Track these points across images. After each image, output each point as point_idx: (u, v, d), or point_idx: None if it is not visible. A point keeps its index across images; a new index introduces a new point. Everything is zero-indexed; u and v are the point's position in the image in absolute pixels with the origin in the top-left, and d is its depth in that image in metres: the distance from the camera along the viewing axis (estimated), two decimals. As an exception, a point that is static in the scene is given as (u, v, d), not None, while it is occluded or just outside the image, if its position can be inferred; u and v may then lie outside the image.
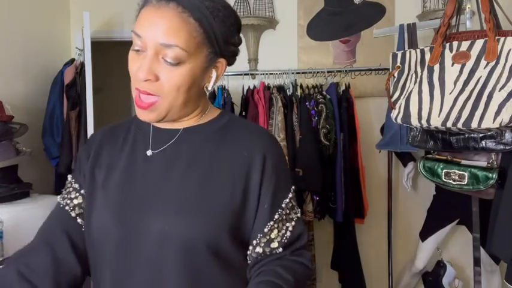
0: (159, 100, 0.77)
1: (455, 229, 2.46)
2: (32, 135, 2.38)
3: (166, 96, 0.77)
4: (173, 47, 0.73)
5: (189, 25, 0.74)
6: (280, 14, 2.78)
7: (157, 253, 0.77)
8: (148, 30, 0.74)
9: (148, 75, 0.74)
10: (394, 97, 1.49)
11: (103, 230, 0.80)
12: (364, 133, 2.56)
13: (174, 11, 0.74)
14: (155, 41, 0.74)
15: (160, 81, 0.76)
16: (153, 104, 0.77)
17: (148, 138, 0.86)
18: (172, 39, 0.73)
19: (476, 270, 1.76)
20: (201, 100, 0.85)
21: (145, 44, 0.75)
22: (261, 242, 0.82)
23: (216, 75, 0.82)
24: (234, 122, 0.88)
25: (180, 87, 0.76)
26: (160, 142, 0.84)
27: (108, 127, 0.94)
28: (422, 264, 2.35)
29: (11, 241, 1.81)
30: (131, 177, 0.83)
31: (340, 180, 2.35)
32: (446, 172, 1.51)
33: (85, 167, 0.88)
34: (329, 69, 2.53)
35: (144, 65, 0.74)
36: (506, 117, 1.21)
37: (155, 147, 0.84)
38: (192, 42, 0.75)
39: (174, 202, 0.78)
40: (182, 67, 0.75)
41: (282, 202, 0.83)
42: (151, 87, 0.76)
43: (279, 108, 2.31)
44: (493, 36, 1.30)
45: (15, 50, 2.46)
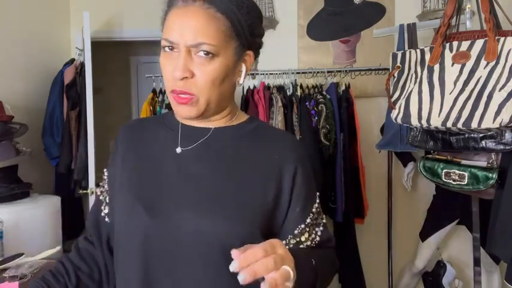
0: (195, 96, 0.79)
1: (455, 229, 2.46)
2: (32, 135, 2.38)
3: (202, 91, 0.78)
4: (203, 45, 0.76)
5: (216, 19, 0.77)
6: (280, 14, 2.78)
7: (190, 249, 0.77)
8: (178, 35, 0.77)
9: (185, 73, 0.76)
10: (394, 97, 1.49)
11: (132, 227, 0.80)
12: (364, 133, 2.56)
13: (200, 8, 0.76)
14: (185, 43, 0.76)
15: (195, 77, 0.78)
16: (189, 100, 0.79)
17: (177, 136, 0.86)
18: (200, 38, 0.76)
19: (476, 270, 1.76)
20: (232, 99, 0.88)
21: (177, 46, 0.78)
22: (290, 243, 0.83)
23: (245, 68, 0.84)
24: (263, 126, 0.91)
25: (214, 80, 0.78)
26: (190, 140, 0.85)
27: (138, 121, 0.96)
28: (422, 264, 2.35)
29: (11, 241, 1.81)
30: (161, 174, 0.83)
31: (340, 180, 2.35)
32: (446, 172, 1.51)
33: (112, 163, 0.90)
34: (329, 69, 2.53)
35: (179, 64, 0.77)
36: (506, 117, 1.21)
37: (185, 145, 0.85)
38: (220, 36, 0.77)
39: (206, 200, 0.79)
40: (215, 60, 0.77)
41: (313, 207, 0.86)
42: (188, 85, 0.78)
43: (279, 108, 2.31)
44: (493, 36, 1.30)
45: (15, 50, 2.46)
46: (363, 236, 2.66)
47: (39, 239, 1.98)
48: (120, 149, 0.90)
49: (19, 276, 1.57)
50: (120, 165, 0.88)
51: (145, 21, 2.98)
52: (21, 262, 1.69)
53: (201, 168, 0.82)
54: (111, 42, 3.23)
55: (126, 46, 4.13)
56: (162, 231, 0.78)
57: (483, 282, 2.10)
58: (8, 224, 1.82)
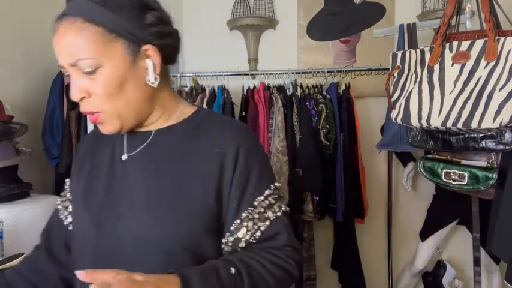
0: (102, 113, 0.76)
1: (455, 229, 2.46)
2: (32, 135, 2.38)
3: (104, 106, 0.76)
4: (80, 61, 0.72)
5: (84, 31, 0.72)
6: (280, 14, 2.78)
7: (136, 255, 0.76)
8: (59, 57, 0.75)
9: (80, 94, 0.75)
10: (394, 97, 1.49)
11: (82, 235, 0.82)
12: (364, 133, 2.56)
13: (66, 24, 0.74)
14: (66, 63, 0.74)
15: (92, 95, 0.75)
16: (99, 117, 0.77)
17: (123, 142, 0.86)
18: (75, 56, 0.73)
19: (476, 270, 1.76)
20: (159, 98, 0.82)
21: (66, 69, 0.76)
22: (228, 241, 0.80)
23: (152, 63, 0.77)
24: (210, 118, 0.85)
25: (109, 91, 0.74)
26: (134, 145, 0.84)
27: (93, 133, 0.95)
28: (422, 264, 2.34)
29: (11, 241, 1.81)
30: (109, 182, 0.83)
31: (340, 180, 2.35)
32: (446, 172, 1.51)
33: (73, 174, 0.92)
34: (329, 69, 2.53)
35: (72, 86, 0.75)
36: (506, 117, 1.21)
37: (130, 151, 0.84)
38: (95, 46, 0.72)
39: (149, 204, 0.77)
40: (101, 71, 0.73)
41: (254, 200, 0.79)
42: (89, 104, 0.76)
43: (279, 108, 2.31)
44: (493, 36, 1.30)
45: (15, 50, 2.46)
46: (363, 236, 2.65)
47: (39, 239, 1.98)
48: (78, 159, 0.92)
49: (19, 276, 1.56)
50: (77, 175, 0.89)
51: (145, 21, 2.98)
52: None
53: (144, 173, 0.81)
54: (111, 42, 3.23)
55: None
56: (107, 240, 0.78)
57: (483, 282, 2.10)
58: (8, 224, 1.82)
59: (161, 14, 0.80)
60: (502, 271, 1.95)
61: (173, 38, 0.82)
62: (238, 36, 2.76)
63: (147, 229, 0.76)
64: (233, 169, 0.79)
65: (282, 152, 2.25)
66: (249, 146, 0.81)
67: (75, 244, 0.85)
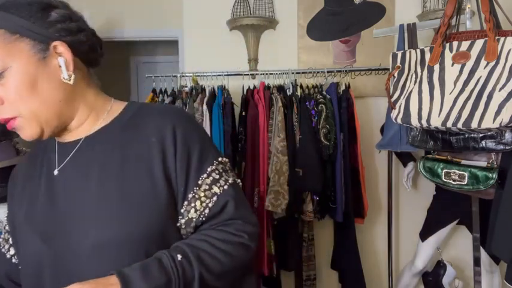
0: (19, 117, 0.74)
1: (455, 229, 2.46)
2: (32, 135, 2.38)
3: (18, 109, 0.73)
4: None
5: None
6: (280, 14, 2.78)
7: (96, 264, 0.74)
8: None
9: None
10: (394, 97, 1.49)
11: (36, 258, 0.78)
12: (364, 133, 2.56)
13: None
14: None
15: (5, 101, 0.73)
16: (15, 123, 0.75)
17: (55, 157, 0.83)
18: None
19: (476, 270, 1.76)
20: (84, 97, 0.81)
21: None
22: (181, 224, 0.80)
23: (64, 60, 0.75)
24: (140, 110, 0.84)
25: (20, 92, 0.72)
26: (66, 157, 0.81)
27: (27, 155, 0.93)
28: (422, 264, 2.35)
29: (11, 241, 1.80)
30: (51, 198, 0.80)
31: (340, 180, 2.35)
32: (446, 172, 1.51)
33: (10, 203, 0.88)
34: (329, 69, 2.53)
35: None
36: (506, 117, 1.21)
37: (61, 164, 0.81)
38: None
39: (97, 212, 0.75)
40: (7, 74, 0.72)
41: (198, 179, 0.79)
42: (4, 111, 0.73)
43: (279, 108, 2.31)
44: (493, 36, 1.30)
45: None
46: (363, 236, 2.66)
47: None
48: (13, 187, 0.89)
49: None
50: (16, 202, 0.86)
51: (145, 21, 2.99)
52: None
53: (85, 181, 0.78)
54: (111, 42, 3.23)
55: (126, 46, 4.13)
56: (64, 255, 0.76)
57: (483, 282, 2.10)
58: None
59: (66, 11, 0.79)
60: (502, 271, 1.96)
61: (86, 35, 0.81)
62: (238, 36, 2.76)
63: (103, 232, 0.73)
64: (174, 152, 0.78)
65: (282, 152, 2.25)
66: (184, 126, 0.80)
67: (28, 270, 0.81)
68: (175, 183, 0.78)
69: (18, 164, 0.92)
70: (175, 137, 0.78)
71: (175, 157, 0.78)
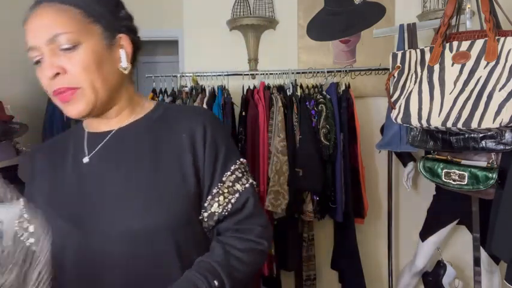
0: (79, 88, 0.77)
1: (455, 229, 2.46)
2: (32, 135, 2.38)
3: (82, 81, 0.77)
4: (59, 35, 0.75)
5: (64, 12, 0.77)
6: (280, 14, 2.78)
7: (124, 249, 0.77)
8: (35, 37, 0.76)
9: (54, 69, 0.76)
10: (394, 97, 1.49)
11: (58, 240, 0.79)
12: (364, 133, 2.56)
13: (46, 7, 0.77)
14: (43, 41, 0.75)
15: (69, 72, 0.77)
16: (74, 94, 0.77)
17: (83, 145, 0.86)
18: (54, 30, 0.75)
19: (476, 270, 1.76)
20: (125, 90, 0.87)
21: (40, 50, 0.76)
22: (204, 217, 0.84)
23: (125, 52, 0.83)
24: (171, 110, 0.90)
25: (87, 67, 0.77)
26: (96, 147, 0.85)
27: (49, 141, 0.94)
28: (422, 264, 2.35)
29: (11, 241, 1.80)
30: (78, 186, 0.82)
31: (340, 180, 2.35)
32: (446, 172, 1.51)
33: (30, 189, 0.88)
34: (329, 69, 2.53)
35: (45, 63, 0.76)
36: (506, 117, 1.21)
37: (91, 152, 0.85)
38: (75, 23, 0.77)
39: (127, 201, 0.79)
40: (80, 48, 0.77)
41: (223, 175, 0.85)
42: (64, 80, 0.77)
43: (279, 108, 2.31)
44: (493, 36, 1.30)
45: (15, 50, 2.46)
46: (363, 236, 2.66)
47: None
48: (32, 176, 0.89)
49: (19, 276, 1.56)
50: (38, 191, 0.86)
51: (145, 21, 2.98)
52: (21, 262, 1.68)
53: (111, 171, 0.82)
54: (111, 42, 3.23)
55: None
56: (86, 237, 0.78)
57: (483, 282, 2.10)
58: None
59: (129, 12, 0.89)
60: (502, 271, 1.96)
61: (138, 37, 0.89)
62: (238, 36, 2.76)
63: (133, 221, 0.77)
64: (203, 149, 0.83)
65: (282, 152, 2.25)
66: (214, 126, 0.86)
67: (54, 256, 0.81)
68: (202, 177, 0.83)
69: (32, 154, 0.93)
70: (205, 135, 0.84)
71: (204, 154, 0.83)
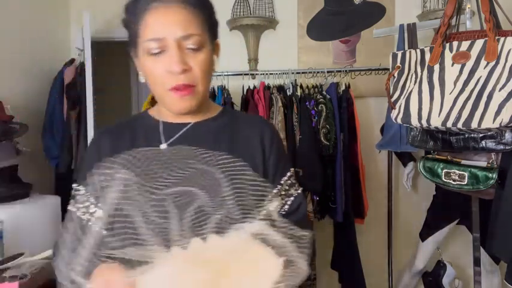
0: (196, 87, 0.83)
1: (455, 229, 2.45)
2: (32, 135, 2.38)
3: (200, 82, 0.83)
4: (192, 36, 0.81)
5: (195, 15, 0.82)
6: (280, 14, 2.78)
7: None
8: (166, 30, 0.80)
9: (184, 65, 0.80)
10: (394, 97, 1.49)
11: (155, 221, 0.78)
12: (364, 133, 2.56)
13: (179, 7, 0.81)
14: (175, 36, 0.79)
15: (193, 70, 0.82)
16: (190, 91, 0.82)
17: (158, 133, 0.89)
18: (189, 30, 0.80)
19: (476, 270, 1.76)
20: (208, 91, 0.92)
21: (166, 43, 0.80)
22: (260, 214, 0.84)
23: (216, 58, 0.90)
24: (238, 114, 1.03)
25: (206, 71, 0.84)
26: (172, 136, 0.88)
27: (111, 128, 0.95)
28: (422, 264, 2.34)
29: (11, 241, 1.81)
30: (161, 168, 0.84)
31: (340, 180, 2.35)
32: (446, 172, 1.51)
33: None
34: (329, 69, 2.53)
35: (175, 58, 0.79)
36: (506, 117, 1.21)
37: (167, 141, 0.88)
38: (202, 28, 0.83)
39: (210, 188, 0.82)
40: (203, 51, 0.83)
41: (281, 179, 0.93)
42: (188, 77, 0.81)
43: (279, 108, 2.31)
44: (493, 36, 1.30)
45: (15, 50, 2.46)
46: (363, 236, 2.65)
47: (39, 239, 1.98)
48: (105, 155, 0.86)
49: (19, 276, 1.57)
50: None
51: (145, 21, 2.98)
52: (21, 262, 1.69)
53: (194, 158, 0.83)
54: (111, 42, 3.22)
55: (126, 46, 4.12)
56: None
57: (483, 282, 2.10)
58: (8, 224, 1.82)
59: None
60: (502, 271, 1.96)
61: None
62: (238, 36, 2.76)
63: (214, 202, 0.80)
64: (270, 152, 0.92)
65: (282, 152, 2.25)
66: (278, 134, 0.98)
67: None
68: (266, 177, 0.89)
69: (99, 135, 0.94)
70: (273, 141, 0.94)
71: (270, 157, 0.92)
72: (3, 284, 1.44)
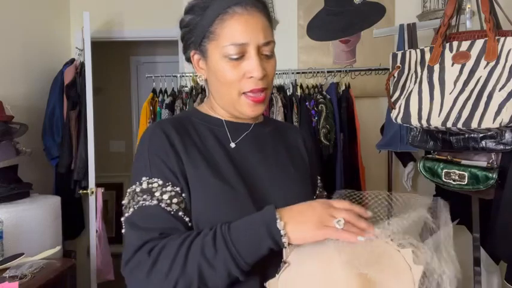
0: (267, 92, 0.88)
1: (455, 229, 2.45)
2: (32, 135, 2.38)
3: (270, 86, 0.89)
4: (270, 43, 0.86)
5: (269, 22, 0.88)
6: (280, 14, 2.78)
7: None
8: (251, 35, 0.82)
9: (264, 71, 0.84)
10: (394, 97, 1.49)
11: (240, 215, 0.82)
12: (364, 133, 2.56)
13: (259, 12, 0.85)
14: (258, 42, 0.83)
15: (267, 76, 0.86)
16: (265, 95, 0.87)
17: (225, 132, 0.92)
18: (269, 37, 0.85)
19: (476, 270, 1.76)
20: None
21: (246, 48, 0.83)
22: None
23: None
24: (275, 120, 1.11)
25: (274, 74, 0.90)
26: (238, 135, 0.93)
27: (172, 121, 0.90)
28: (422, 264, 2.34)
29: (11, 241, 1.81)
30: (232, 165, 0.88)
31: (340, 180, 2.35)
32: (446, 172, 1.51)
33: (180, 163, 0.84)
34: (329, 69, 2.53)
35: (256, 65, 0.83)
36: (506, 117, 1.21)
37: (235, 140, 0.92)
38: (273, 36, 0.88)
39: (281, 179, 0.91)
40: (273, 57, 0.89)
41: (318, 181, 1.07)
42: (264, 82, 0.86)
43: (279, 108, 2.31)
44: (493, 36, 1.30)
45: (15, 50, 2.46)
46: (363, 236, 2.65)
47: (39, 239, 1.98)
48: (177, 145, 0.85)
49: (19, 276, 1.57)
50: (188, 161, 0.84)
51: (145, 21, 2.98)
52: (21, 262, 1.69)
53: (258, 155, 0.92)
54: (111, 42, 3.23)
55: (126, 46, 4.13)
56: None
57: (483, 282, 2.10)
58: (8, 224, 1.82)
59: None
60: (502, 271, 1.95)
61: None
62: (238, 36, 2.76)
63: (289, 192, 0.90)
64: (312, 157, 1.04)
65: (282, 152, 2.25)
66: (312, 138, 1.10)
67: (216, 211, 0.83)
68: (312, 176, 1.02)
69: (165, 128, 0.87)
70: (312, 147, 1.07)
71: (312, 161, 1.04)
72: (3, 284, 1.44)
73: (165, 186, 0.82)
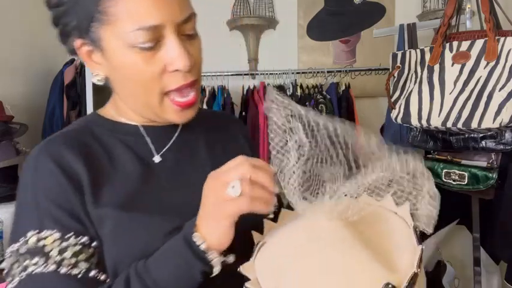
0: (197, 87, 0.66)
1: (455, 229, 2.45)
2: (32, 135, 2.38)
3: (199, 78, 0.66)
4: (191, 18, 0.62)
5: None
6: (280, 14, 2.78)
7: None
8: (163, 12, 0.58)
9: (192, 59, 0.61)
10: (394, 97, 1.49)
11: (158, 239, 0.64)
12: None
13: None
14: (175, 20, 0.60)
15: (195, 63, 0.63)
16: (194, 87, 0.65)
17: (145, 141, 0.70)
18: (187, 9, 0.62)
19: (476, 270, 1.76)
20: None
21: (161, 32, 0.59)
22: None
23: None
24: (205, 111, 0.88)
25: (201, 61, 0.67)
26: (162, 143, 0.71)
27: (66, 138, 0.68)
28: (422, 264, 2.34)
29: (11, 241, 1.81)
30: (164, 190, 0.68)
31: (340, 180, 2.35)
32: (446, 172, 1.51)
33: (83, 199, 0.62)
34: (329, 69, 2.53)
35: (180, 53, 0.60)
36: (506, 117, 1.21)
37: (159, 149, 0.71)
38: (191, 4, 0.65)
39: None
40: (198, 37, 0.66)
41: None
42: (194, 73, 0.63)
43: (279, 108, 2.31)
44: (493, 36, 1.30)
45: (15, 50, 2.46)
46: (363, 236, 2.65)
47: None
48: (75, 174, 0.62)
49: (19, 276, 1.56)
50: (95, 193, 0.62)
51: (145, 21, 2.98)
52: (21, 262, 1.68)
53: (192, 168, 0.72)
54: (111, 42, 3.22)
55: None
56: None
57: (483, 282, 2.10)
58: (8, 224, 1.82)
59: None
60: (502, 271, 1.95)
61: None
62: (238, 36, 2.75)
63: None
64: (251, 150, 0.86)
65: (282, 152, 2.25)
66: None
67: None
68: None
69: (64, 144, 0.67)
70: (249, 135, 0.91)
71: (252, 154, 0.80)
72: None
73: (64, 239, 0.58)
